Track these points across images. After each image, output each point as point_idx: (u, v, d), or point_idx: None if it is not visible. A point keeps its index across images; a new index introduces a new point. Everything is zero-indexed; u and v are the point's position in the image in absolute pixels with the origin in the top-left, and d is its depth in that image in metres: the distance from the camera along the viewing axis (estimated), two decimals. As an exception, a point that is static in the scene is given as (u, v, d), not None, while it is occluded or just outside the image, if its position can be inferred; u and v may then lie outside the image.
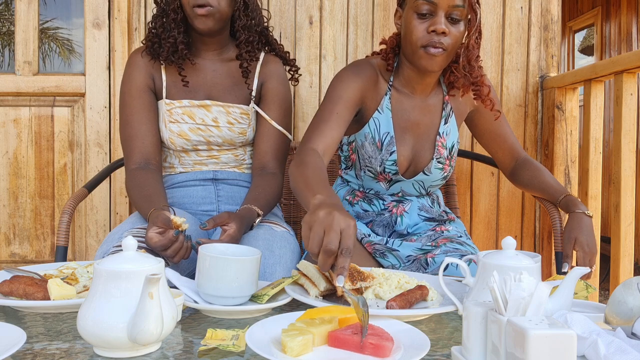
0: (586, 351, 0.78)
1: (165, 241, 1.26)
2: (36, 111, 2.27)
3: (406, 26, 1.41)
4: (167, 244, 1.26)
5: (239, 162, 1.66)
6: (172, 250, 1.27)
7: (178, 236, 1.27)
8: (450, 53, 1.41)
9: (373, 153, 1.51)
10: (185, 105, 1.58)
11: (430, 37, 1.37)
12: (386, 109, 1.51)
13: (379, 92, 1.52)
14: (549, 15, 2.27)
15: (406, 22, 1.41)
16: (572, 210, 1.49)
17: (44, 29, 2.39)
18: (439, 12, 1.36)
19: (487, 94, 1.54)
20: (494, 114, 1.59)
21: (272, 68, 1.66)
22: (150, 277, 0.78)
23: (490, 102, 1.55)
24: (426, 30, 1.37)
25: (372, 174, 1.54)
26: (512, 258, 0.94)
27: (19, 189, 2.28)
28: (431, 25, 1.36)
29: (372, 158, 1.51)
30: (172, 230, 1.27)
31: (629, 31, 5.16)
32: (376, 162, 1.51)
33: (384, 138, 1.51)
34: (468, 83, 1.50)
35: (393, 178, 1.54)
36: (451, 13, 1.36)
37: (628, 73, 1.78)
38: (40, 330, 0.95)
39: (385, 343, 0.82)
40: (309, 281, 1.11)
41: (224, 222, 1.34)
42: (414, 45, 1.39)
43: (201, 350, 0.85)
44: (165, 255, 1.27)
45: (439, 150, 1.55)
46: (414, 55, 1.41)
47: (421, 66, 1.42)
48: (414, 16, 1.38)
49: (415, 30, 1.38)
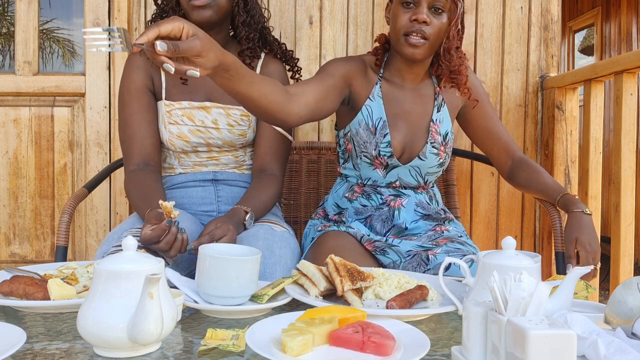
0: (586, 351, 0.78)
1: (159, 231, 1.24)
2: (36, 111, 2.27)
3: (392, 16, 1.50)
4: (160, 234, 1.24)
5: (239, 163, 1.66)
6: (165, 243, 1.24)
7: (170, 226, 1.24)
8: (433, 43, 1.48)
9: (367, 138, 1.55)
10: (185, 107, 1.58)
11: (412, 25, 1.45)
12: (377, 96, 1.57)
13: (369, 81, 1.59)
14: (549, 15, 2.27)
15: (393, 13, 1.50)
16: (571, 210, 1.49)
17: (44, 29, 2.39)
18: (422, 2, 1.44)
19: (464, 82, 1.57)
20: (472, 103, 1.63)
21: (272, 68, 1.66)
22: (150, 277, 0.78)
23: (468, 90, 1.59)
24: (409, 19, 1.45)
25: (368, 159, 1.56)
26: (512, 258, 0.94)
27: (19, 189, 2.28)
28: (414, 14, 1.44)
29: (367, 143, 1.55)
30: (164, 221, 1.24)
31: (629, 31, 5.16)
32: (371, 147, 1.54)
33: (377, 123, 1.55)
34: (447, 72, 1.56)
35: (389, 163, 1.56)
36: (434, 4, 1.45)
37: (628, 73, 1.78)
38: (40, 330, 0.95)
39: (387, 341, 0.82)
40: (309, 281, 1.11)
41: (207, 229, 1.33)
42: (397, 33, 1.48)
43: (201, 350, 0.85)
44: (159, 249, 1.25)
45: (433, 136, 1.58)
46: (398, 44, 1.49)
47: (404, 54, 1.49)
48: (400, 6, 1.47)
49: (399, 19, 1.46)
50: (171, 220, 1.25)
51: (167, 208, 1.23)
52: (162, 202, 1.23)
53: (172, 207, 1.24)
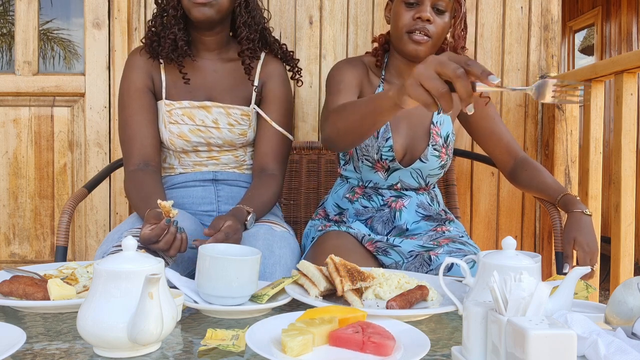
0: (586, 351, 0.78)
1: (158, 231, 1.23)
2: (36, 111, 2.27)
3: (394, 15, 1.51)
4: (159, 233, 1.23)
5: (239, 162, 1.66)
6: (164, 243, 1.23)
7: (169, 225, 1.24)
8: (436, 42, 1.49)
9: (369, 141, 1.55)
10: (185, 107, 1.58)
11: (415, 23, 1.46)
12: None
13: (371, 84, 1.59)
14: (549, 15, 2.27)
15: (394, 12, 1.51)
16: (571, 210, 1.49)
17: (44, 29, 2.39)
18: (426, 1, 1.45)
19: None
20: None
21: (272, 68, 1.66)
22: (150, 277, 0.78)
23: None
24: (412, 17, 1.46)
25: (369, 162, 1.56)
26: (512, 258, 0.94)
27: (19, 189, 2.27)
28: (417, 12, 1.45)
29: (368, 146, 1.55)
30: (163, 220, 1.23)
31: (629, 31, 5.15)
32: (373, 150, 1.54)
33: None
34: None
35: (390, 166, 1.56)
36: (436, 3, 1.46)
37: (628, 73, 1.78)
38: (40, 330, 0.95)
39: (387, 341, 0.82)
40: (309, 281, 1.11)
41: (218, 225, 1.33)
42: (400, 31, 1.48)
43: (201, 350, 0.85)
44: (159, 249, 1.25)
45: (434, 138, 1.58)
46: (400, 42, 1.50)
47: (407, 52, 1.50)
48: (402, 5, 1.47)
49: (402, 17, 1.47)
50: (170, 220, 1.24)
51: (165, 207, 1.23)
52: (160, 202, 1.23)
53: (171, 206, 1.24)
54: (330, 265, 1.10)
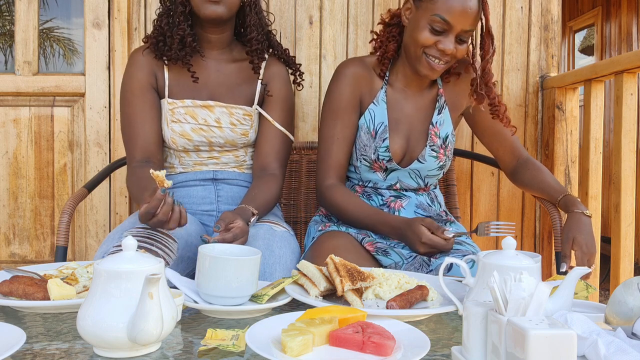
0: (586, 351, 0.78)
1: (155, 202, 1.22)
2: (36, 111, 2.27)
3: (415, 26, 1.47)
4: (156, 204, 1.22)
5: (239, 162, 1.66)
6: (162, 214, 1.23)
7: (165, 195, 1.23)
8: (451, 65, 1.51)
9: (367, 142, 1.56)
10: (188, 105, 1.58)
11: (436, 50, 1.45)
12: (382, 101, 1.58)
13: (374, 87, 1.59)
14: (549, 15, 2.27)
15: (416, 25, 1.46)
16: (571, 210, 1.49)
17: (44, 29, 2.39)
18: (451, 33, 1.43)
19: (504, 112, 1.58)
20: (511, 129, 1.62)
21: (275, 70, 1.66)
22: (150, 277, 0.78)
23: (507, 120, 1.58)
24: (435, 44, 1.44)
25: (367, 162, 1.57)
26: (512, 258, 0.94)
27: (19, 189, 2.27)
28: (441, 43, 1.44)
29: (366, 147, 1.56)
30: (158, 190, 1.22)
31: (629, 31, 5.15)
32: (370, 150, 1.55)
33: (379, 127, 1.56)
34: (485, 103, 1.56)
35: (388, 167, 1.56)
36: (461, 35, 1.44)
37: (628, 73, 1.78)
38: (40, 330, 0.95)
39: (387, 342, 0.82)
40: (309, 281, 1.11)
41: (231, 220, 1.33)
42: (417, 47, 1.46)
43: (201, 350, 0.85)
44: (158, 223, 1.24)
45: (432, 139, 1.58)
46: (415, 57, 1.49)
47: (420, 72, 1.50)
48: (427, 27, 1.44)
49: (424, 39, 1.45)
50: (165, 189, 1.22)
51: (159, 177, 1.21)
52: (153, 172, 1.21)
53: (164, 176, 1.22)
54: (330, 265, 1.10)
